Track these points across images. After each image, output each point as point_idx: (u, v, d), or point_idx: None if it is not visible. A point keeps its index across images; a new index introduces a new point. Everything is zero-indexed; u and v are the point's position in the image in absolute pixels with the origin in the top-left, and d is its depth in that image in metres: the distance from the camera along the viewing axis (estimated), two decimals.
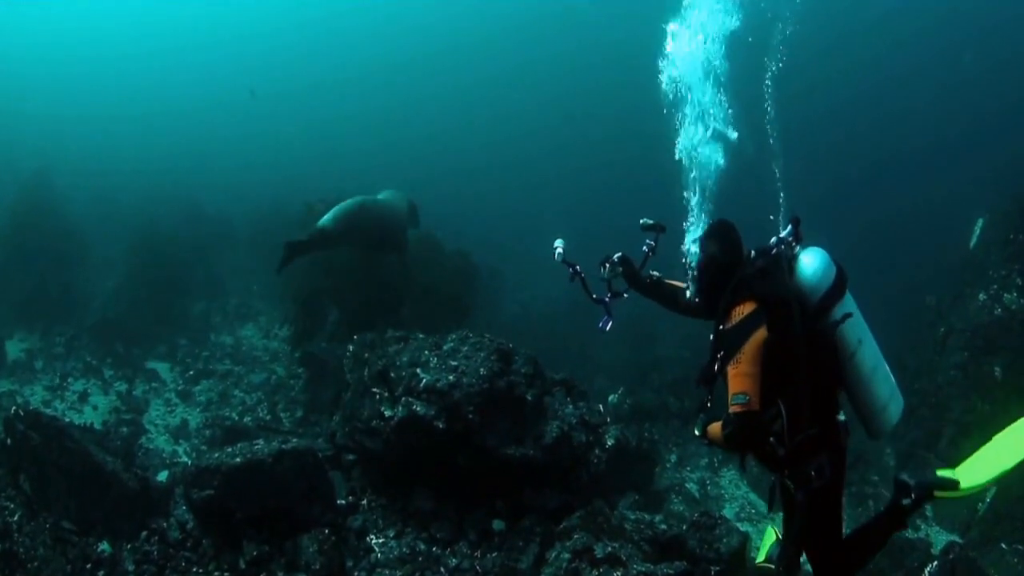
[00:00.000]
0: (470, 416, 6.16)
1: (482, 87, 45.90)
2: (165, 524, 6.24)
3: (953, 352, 10.92)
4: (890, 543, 8.81)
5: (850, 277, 3.65)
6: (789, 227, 3.64)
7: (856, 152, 34.04)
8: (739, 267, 3.61)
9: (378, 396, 6.64)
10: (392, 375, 6.61)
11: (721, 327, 3.49)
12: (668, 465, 9.97)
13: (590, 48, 41.23)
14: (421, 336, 6.95)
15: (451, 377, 6.25)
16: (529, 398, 6.43)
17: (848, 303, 3.59)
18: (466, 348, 6.50)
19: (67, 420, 8.21)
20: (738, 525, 7.60)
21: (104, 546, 5.83)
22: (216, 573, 5.81)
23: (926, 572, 4.87)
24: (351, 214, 9.20)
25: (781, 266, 3.54)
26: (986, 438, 3.72)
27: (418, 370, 6.41)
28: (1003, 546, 8.08)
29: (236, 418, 10.23)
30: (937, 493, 3.60)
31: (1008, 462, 3.55)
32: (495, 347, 6.48)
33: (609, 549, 5.27)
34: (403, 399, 6.36)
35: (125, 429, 9.68)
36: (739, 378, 3.30)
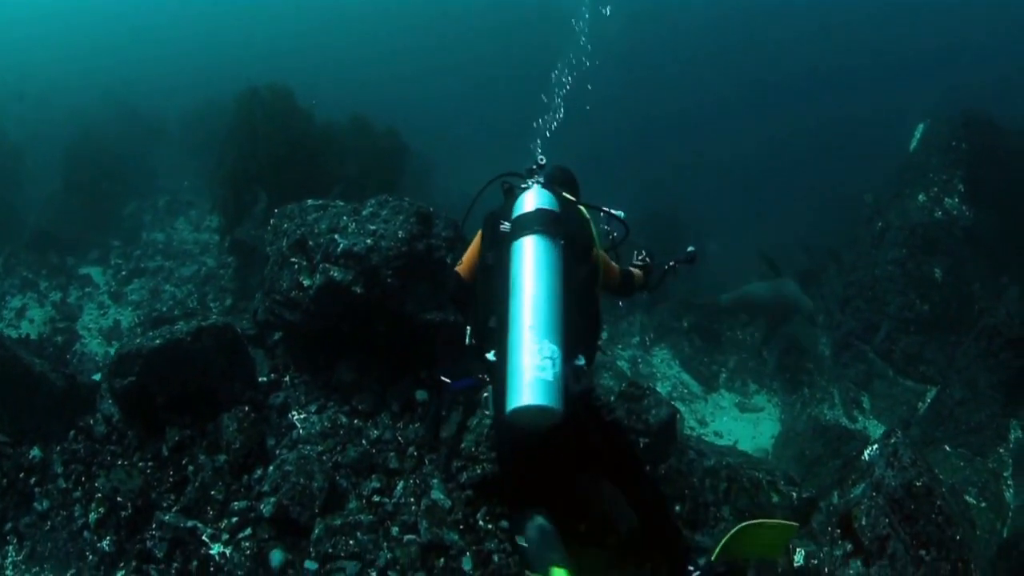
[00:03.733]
0: (388, 280, 5.95)
1: None
2: (92, 420, 6.06)
3: (891, 247, 10.97)
4: (828, 431, 8.87)
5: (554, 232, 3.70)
6: (534, 166, 4.19)
7: (802, 57, 33.88)
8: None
9: (296, 266, 6.38)
10: (311, 243, 6.33)
11: None
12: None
13: None
14: (340, 203, 6.65)
15: (369, 241, 6.01)
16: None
17: (533, 250, 3.56)
18: (385, 212, 6.23)
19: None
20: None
21: (35, 452, 5.69)
22: (140, 463, 5.66)
23: (866, 454, 4.70)
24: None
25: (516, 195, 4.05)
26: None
27: (336, 236, 6.14)
28: (947, 448, 8.15)
29: (165, 311, 9.95)
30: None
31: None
32: (415, 210, 6.22)
33: None
34: (320, 266, 6.10)
35: (59, 338, 9.47)
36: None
